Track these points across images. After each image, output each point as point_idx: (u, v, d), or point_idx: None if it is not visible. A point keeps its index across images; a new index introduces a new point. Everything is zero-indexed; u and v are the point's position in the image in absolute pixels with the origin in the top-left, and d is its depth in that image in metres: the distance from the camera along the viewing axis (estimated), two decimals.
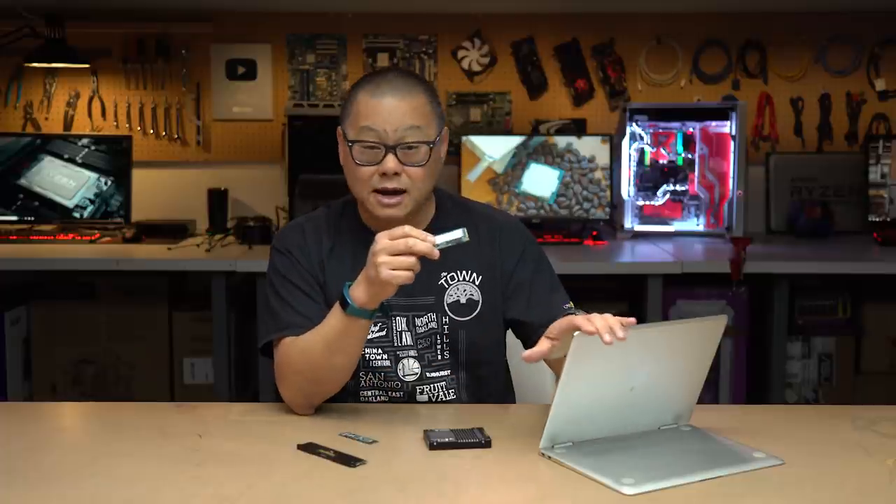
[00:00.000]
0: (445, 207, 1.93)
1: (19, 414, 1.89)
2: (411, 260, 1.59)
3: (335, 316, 1.69)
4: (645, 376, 1.59)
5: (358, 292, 1.65)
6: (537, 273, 1.90)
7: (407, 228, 1.61)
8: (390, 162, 1.76)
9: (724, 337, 1.73)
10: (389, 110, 1.76)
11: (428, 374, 1.87)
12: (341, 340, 1.69)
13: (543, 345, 1.61)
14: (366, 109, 1.77)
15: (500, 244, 1.90)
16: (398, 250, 1.59)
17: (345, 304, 1.66)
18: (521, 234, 1.94)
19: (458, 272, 1.87)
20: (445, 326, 1.86)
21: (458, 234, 1.63)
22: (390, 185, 1.77)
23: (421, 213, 1.87)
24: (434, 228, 1.86)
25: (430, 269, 1.80)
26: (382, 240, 1.61)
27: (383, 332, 1.85)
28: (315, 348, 1.71)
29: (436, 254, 1.60)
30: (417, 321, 1.86)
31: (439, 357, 1.87)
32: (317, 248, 1.86)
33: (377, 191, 1.78)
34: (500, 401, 1.92)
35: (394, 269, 1.59)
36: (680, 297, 3.60)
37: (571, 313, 1.82)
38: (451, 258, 1.79)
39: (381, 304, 1.68)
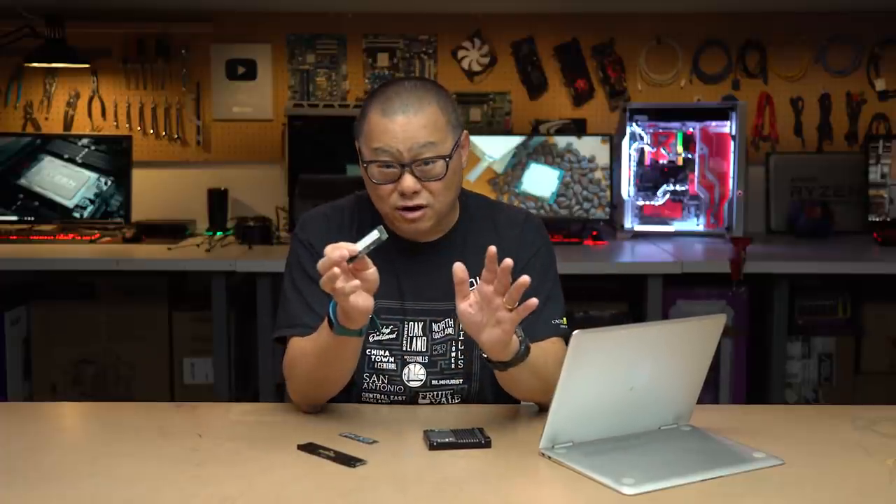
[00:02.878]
0: (469, 210, 1.90)
1: (19, 414, 1.89)
2: (351, 285, 1.54)
3: (325, 332, 1.65)
4: (645, 376, 1.59)
5: (340, 316, 1.61)
6: (540, 281, 1.83)
7: (326, 252, 1.54)
8: (408, 181, 1.73)
9: (724, 337, 1.73)
10: (401, 129, 1.73)
11: (433, 382, 1.85)
12: (332, 355, 1.68)
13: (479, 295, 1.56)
14: (378, 130, 1.74)
15: (519, 241, 1.87)
16: (332, 281, 1.53)
17: (332, 324, 1.63)
18: (540, 233, 1.91)
19: (478, 278, 1.83)
20: (462, 333, 1.84)
21: (374, 235, 1.56)
22: (411, 202, 1.75)
23: (445, 219, 1.84)
24: (459, 232, 1.85)
25: (450, 275, 1.74)
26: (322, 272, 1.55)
27: (394, 335, 1.84)
28: (311, 357, 1.71)
29: (356, 253, 1.54)
30: (434, 326, 1.84)
31: (452, 365, 1.85)
32: (339, 239, 1.84)
33: (398, 208, 1.76)
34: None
35: (346, 295, 1.54)
36: (680, 297, 3.60)
37: (559, 333, 1.81)
38: (474, 263, 1.71)
39: (371, 319, 1.63)
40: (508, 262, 1.53)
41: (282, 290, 1.86)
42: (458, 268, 1.56)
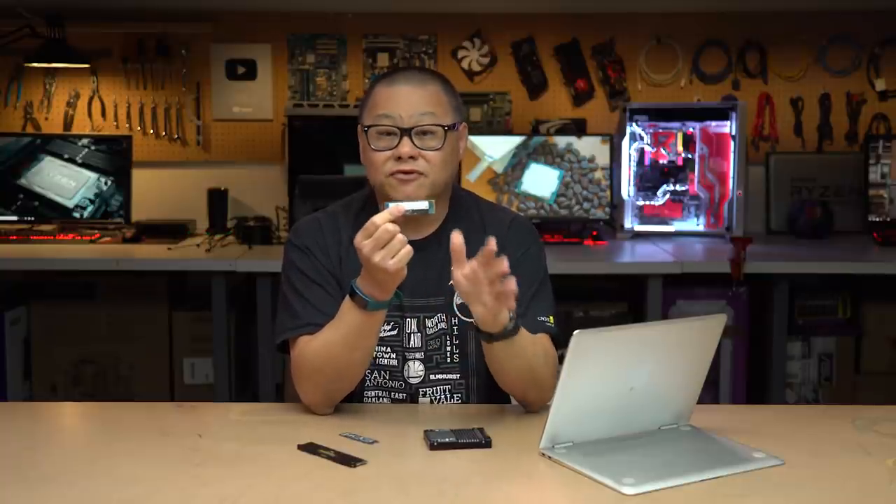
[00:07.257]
0: (460, 206, 1.91)
1: (19, 414, 1.89)
2: (399, 238, 1.61)
3: (351, 312, 1.69)
4: (645, 376, 1.59)
5: (370, 289, 1.66)
6: (527, 281, 1.83)
7: (374, 219, 1.62)
8: (405, 146, 1.77)
9: (724, 337, 1.73)
10: (404, 96, 1.79)
11: (432, 377, 1.86)
12: (360, 335, 1.70)
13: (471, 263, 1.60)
14: (382, 98, 1.80)
15: (507, 239, 1.87)
16: (384, 240, 1.60)
17: (363, 302, 1.66)
18: (529, 233, 1.92)
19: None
20: (455, 328, 1.85)
21: (423, 205, 1.69)
22: (406, 167, 1.77)
23: (431, 217, 1.84)
24: (447, 229, 1.85)
25: (440, 270, 1.80)
26: (363, 243, 1.61)
27: (395, 332, 1.85)
28: (334, 345, 1.72)
29: (401, 213, 1.63)
30: (428, 322, 1.85)
31: (448, 359, 1.86)
32: (335, 243, 1.86)
33: (393, 173, 1.78)
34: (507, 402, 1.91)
35: (393, 257, 1.60)
36: (680, 297, 3.60)
37: (544, 330, 1.81)
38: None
39: (395, 291, 1.69)
40: (492, 245, 1.57)
41: (280, 297, 1.86)
42: (456, 236, 1.60)
